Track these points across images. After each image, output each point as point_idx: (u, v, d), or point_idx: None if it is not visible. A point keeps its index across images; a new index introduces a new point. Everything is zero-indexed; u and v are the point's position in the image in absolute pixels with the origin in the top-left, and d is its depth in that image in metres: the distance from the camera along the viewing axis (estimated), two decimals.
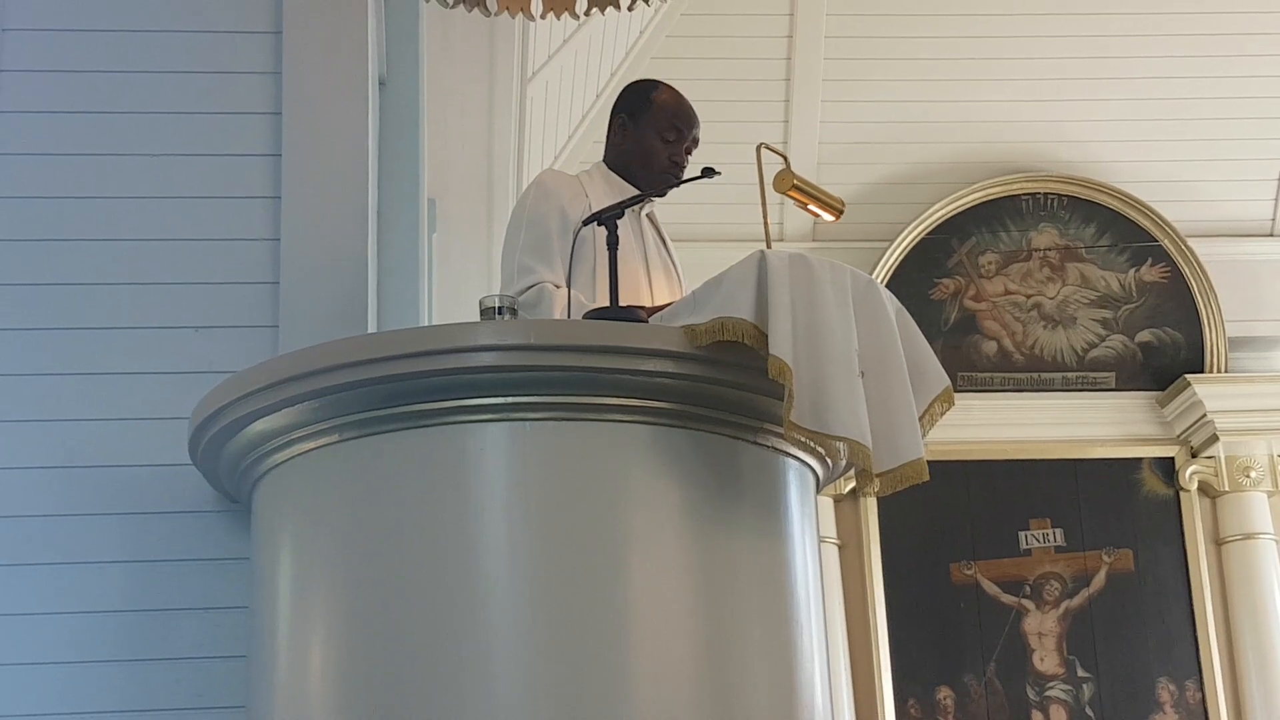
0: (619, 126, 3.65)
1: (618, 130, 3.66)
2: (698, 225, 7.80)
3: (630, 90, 3.70)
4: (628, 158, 3.63)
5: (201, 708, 3.23)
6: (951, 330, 8.77)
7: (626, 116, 3.64)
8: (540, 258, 3.41)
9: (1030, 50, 8.51)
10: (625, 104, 3.66)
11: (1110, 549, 8.54)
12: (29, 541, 3.31)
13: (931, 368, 3.04)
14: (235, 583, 3.25)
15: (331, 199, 3.57)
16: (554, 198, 3.49)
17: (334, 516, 2.84)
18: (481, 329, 2.82)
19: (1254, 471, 8.55)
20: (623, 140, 3.64)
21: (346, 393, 2.79)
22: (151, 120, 3.60)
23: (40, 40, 3.64)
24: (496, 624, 2.66)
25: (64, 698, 3.22)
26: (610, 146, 3.69)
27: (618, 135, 3.66)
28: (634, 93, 3.68)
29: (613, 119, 3.68)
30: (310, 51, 3.65)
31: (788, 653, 2.85)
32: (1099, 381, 8.78)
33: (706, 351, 2.79)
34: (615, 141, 3.67)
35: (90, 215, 3.53)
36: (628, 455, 2.78)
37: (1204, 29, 8.43)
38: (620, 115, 3.65)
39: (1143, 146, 8.84)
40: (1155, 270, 8.89)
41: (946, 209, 8.88)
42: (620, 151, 3.65)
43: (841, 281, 2.90)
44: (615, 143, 3.67)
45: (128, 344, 3.45)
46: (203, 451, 3.10)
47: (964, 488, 8.48)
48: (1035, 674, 8.38)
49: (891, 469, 2.85)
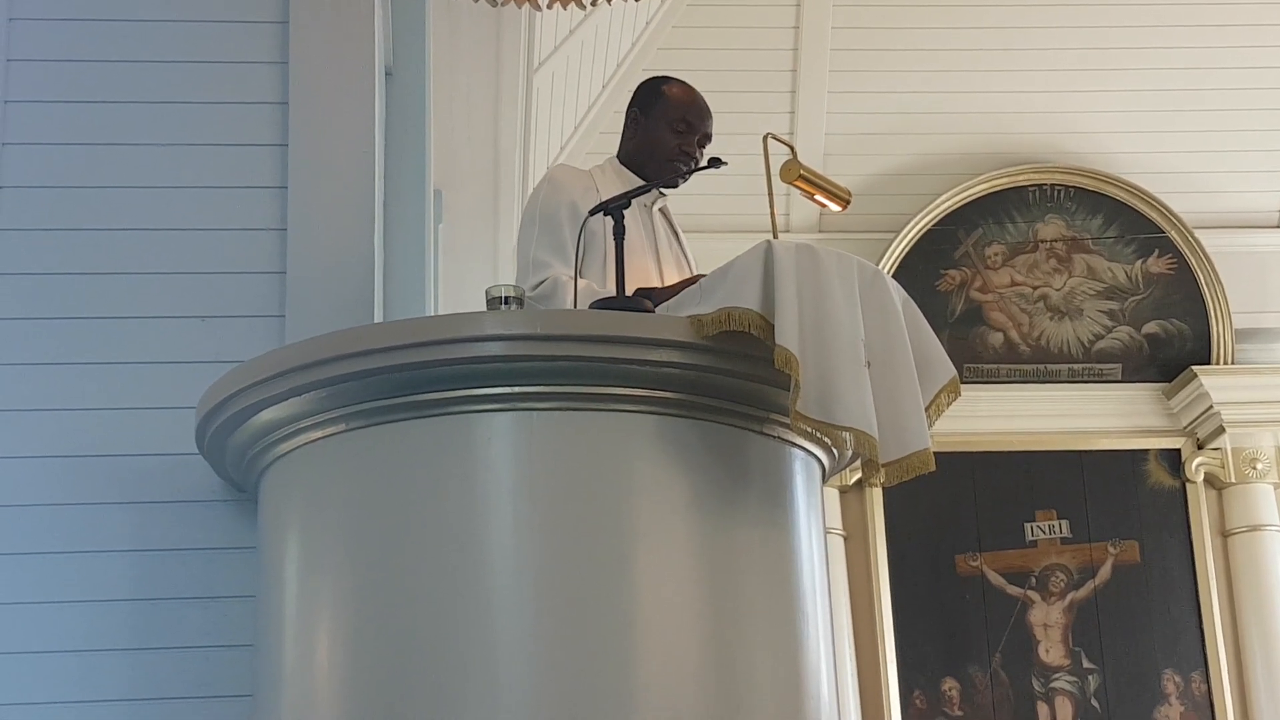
0: (631, 121, 3.69)
1: (630, 124, 3.69)
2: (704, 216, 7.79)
3: (643, 85, 3.73)
4: (639, 151, 3.65)
5: (207, 696, 3.24)
6: (958, 321, 8.76)
7: (638, 111, 3.67)
8: (553, 252, 3.44)
9: (1037, 41, 8.50)
10: (638, 98, 3.70)
11: (1116, 540, 8.54)
12: (36, 530, 3.31)
13: (938, 358, 3.04)
14: (241, 572, 3.26)
15: (338, 189, 3.57)
16: (565, 192, 3.51)
17: (340, 506, 2.85)
18: (488, 319, 2.83)
19: (1260, 463, 8.54)
20: (634, 134, 3.67)
21: (353, 382, 2.79)
22: (158, 110, 3.61)
23: (47, 30, 3.64)
24: (502, 614, 2.66)
25: (71, 686, 3.23)
26: (623, 141, 3.72)
27: (630, 129, 3.69)
28: (646, 87, 3.71)
29: (627, 114, 3.71)
30: (317, 42, 3.65)
31: (793, 643, 2.86)
32: (1105, 373, 8.77)
33: (713, 341, 2.79)
34: (628, 136, 3.70)
35: (97, 205, 3.53)
36: (634, 445, 2.78)
37: (1211, 20, 8.41)
38: (633, 110, 3.69)
39: (1150, 138, 8.83)
40: (1162, 262, 8.88)
41: (953, 200, 8.87)
42: (632, 146, 3.68)
43: (848, 272, 2.90)
44: (628, 137, 3.70)
45: (134, 333, 3.45)
46: (209, 441, 3.11)
47: (970, 479, 8.48)
48: (1040, 665, 8.38)
49: (897, 459, 2.85)
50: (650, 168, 3.61)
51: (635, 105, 3.69)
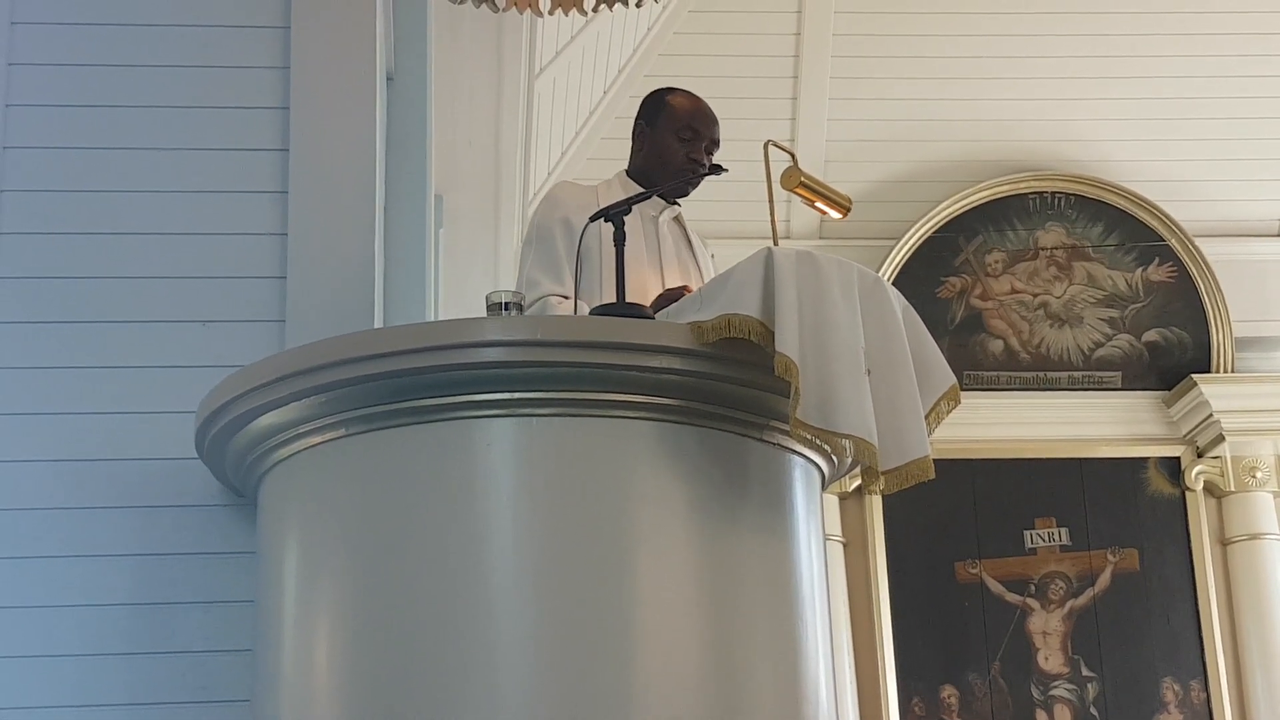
0: (638, 134, 3.70)
1: (637, 138, 3.71)
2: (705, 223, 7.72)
3: (648, 98, 3.75)
4: (646, 162, 3.66)
5: (207, 701, 3.24)
6: (958, 329, 8.76)
7: (644, 123, 3.68)
8: (546, 271, 3.46)
9: (1038, 49, 8.50)
10: (643, 111, 3.72)
11: (1115, 548, 8.54)
12: (35, 534, 3.31)
13: (938, 366, 3.04)
14: (241, 576, 3.26)
15: (339, 194, 3.57)
16: (559, 208, 3.54)
17: (340, 511, 2.85)
18: (488, 324, 2.83)
19: (1260, 471, 8.54)
20: (642, 146, 3.69)
21: (353, 387, 2.80)
22: (159, 114, 3.61)
23: (49, 34, 3.64)
24: (502, 620, 2.66)
25: (70, 690, 3.23)
26: (632, 154, 3.73)
27: (637, 143, 3.71)
28: (651, 99, 3.72)
29: (634, 128, 3.73)
30: (318, 47, 3.66)
31: (792, 650, 2.85)
32: (1105, 381, 8.77)
33: (713, 348, 2.79)
34: (636, 149, 3.72)
35: (98, 209, 3.53)
36: (634, 451, 2.78)
37: (1212, 28, 8.42)
38: (639, 123, 3.71)
39: (1150, 146, 8.83)
40: (1162, 270, 8.88)
41: (953, 207, 8.87)
42: (640, 159, 3.69)
43: (848, 279, 2.90)
44: (636, 150, 3.72)
45: (135, 338, 3.45)
46: (209, 445, 3.11)
47: (969, 486, 8.48)
48: (1040, 673, 8.38)
49: (897, 467, 2.85)
50: (660, 179, 3.61)
51: (641, 118, 3.70)
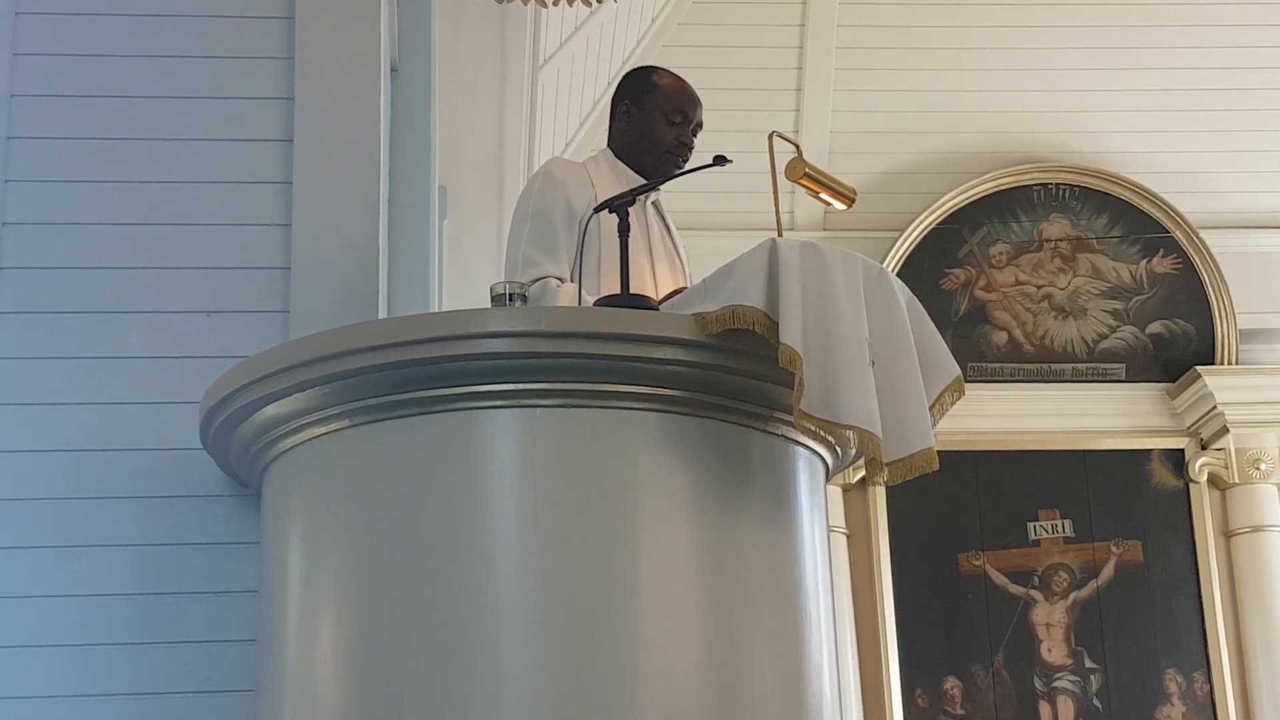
0: (623, 113, 3.65)
1: (622, 117, 3.65)
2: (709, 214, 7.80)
3: (631, 76, 3.70)
4: (634, 143, 3.62)
5: (210, 691, 3.24)
6: (962, 320, 8.76)
7: (630, 103, 3.63)
8: (545, 250, 3.41)
9: (1042, 40, 8.49)
10: (628, 90, 3.66)
11: (1119, 540, 8.54)
12: (40, 525, 3.31)
13: (942, 357, 3.03)
14: (245, 567, 3.26)
15: (343, 185, 3.57)
16: (560, 188, 3.48)
17: (344, 501, 2.85)
18: (492, 315, 2.83)
19: (1264, 464, 8.54)
20: (628, 126, 3.64)
21: (357, 378, 2.79)
22: (164, 105, 3.60)
23: (53, 25, 3.64)
24: (505, 610, 2.66)
25: (73, 680, 3.23)
26: (615, 134, 3.67)
27: (622, 122, 3.65)
28: (635, 78, 3.67)
29: (615, 106, 3.67)
30: (323, 37, 3.65)
31: (795, 641, 2.85)
32: (1109, 373, 8.77)
33: (717, 339, 2.78)
34: (620, 128, 3.66)
35: (102, 200, 3.53)
36: (637, 442, 2.78)
37: (1217, 19, 8.41)
38: (624, 102, 3.65)
39: (1155, 137, 8.83)
40: (1167, 261, 8.88)
41: (958, 199, 8.87)
42: (626, 138, 3.64)
43: (853, 270, 2.89)
44: (620, 129, 3.66)
45: (139, 328, 3.45)
46: (213, 436, 3.11)
47: (973, 478, 8.48)
48: (1043, 665, 8.38)
49: (901, 458, 2.85)
50: (647, 160, 3.59)
51: (626, 97, 3.64)
